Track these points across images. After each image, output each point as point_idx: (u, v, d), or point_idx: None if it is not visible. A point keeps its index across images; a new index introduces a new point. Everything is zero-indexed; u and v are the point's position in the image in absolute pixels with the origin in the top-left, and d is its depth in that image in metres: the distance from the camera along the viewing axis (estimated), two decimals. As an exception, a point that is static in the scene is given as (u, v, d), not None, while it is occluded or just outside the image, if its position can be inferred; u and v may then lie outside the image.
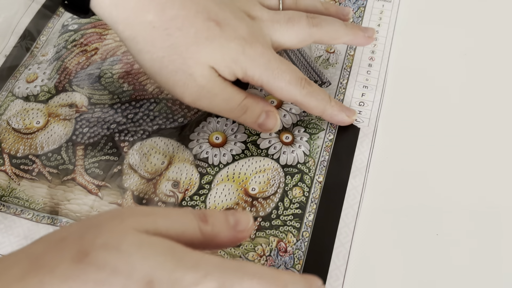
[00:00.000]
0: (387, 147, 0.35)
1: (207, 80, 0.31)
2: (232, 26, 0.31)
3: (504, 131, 0.36)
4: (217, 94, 0.32)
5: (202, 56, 0.31)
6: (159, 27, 0.30)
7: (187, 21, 0.31)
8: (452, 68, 0.39)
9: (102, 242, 0.21)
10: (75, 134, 0.37)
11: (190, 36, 0.31)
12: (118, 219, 0.22)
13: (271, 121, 0.33)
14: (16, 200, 0.34)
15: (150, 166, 0.35)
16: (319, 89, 0.34)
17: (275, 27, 0.34)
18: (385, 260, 0.31)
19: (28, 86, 0.39)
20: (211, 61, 0.31)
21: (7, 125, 0.37)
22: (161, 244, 0.21)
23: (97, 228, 0.22)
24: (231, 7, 0.33)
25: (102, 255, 0.20)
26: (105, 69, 0.40)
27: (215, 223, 0.24)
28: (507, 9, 0.42)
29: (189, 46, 0.31)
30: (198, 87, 0.31)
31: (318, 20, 0.35)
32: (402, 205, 0.33)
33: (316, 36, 0.35)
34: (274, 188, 0.34)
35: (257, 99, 0.33)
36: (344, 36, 0.36)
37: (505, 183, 0.34)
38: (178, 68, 0.31)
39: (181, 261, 0.21)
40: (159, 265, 0.21)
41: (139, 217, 0.23)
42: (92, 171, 0.35)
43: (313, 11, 0.37)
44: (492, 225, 0.32)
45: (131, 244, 0.21)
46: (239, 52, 0.31)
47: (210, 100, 0.32)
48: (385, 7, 0.43)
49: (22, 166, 0.35)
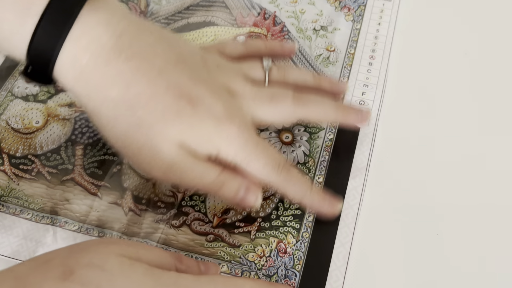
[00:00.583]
0: (387, 147, 0.35)
1: (175, 157, 0.29)
2: (206, 105, 0.29)
3: (504, 130, 0.36)
4: (187, 171, 0.29)
5: (170, 133, 0.29)
6: (122, 104, 0.28)
7: (154, 98, 0.29)
8: (452, 67, 0.39)
9: (86, 262, 0.23)
10: (74, 134, 0.37)
11: (157, 113, 0.29)
12: (103, 244, 0.25)
13: (251, 197, 0.30)
14: (15, 200, 0.34)
15: (149, 166, 0.35)
16: (299, 176, 0.31)
17: (256, 104, 0.32)
18: (385, 261, 0.31)
19: (28, 86, 0.39)
20: (181, 139, 0.29)
21: (6, 125, 0.37)
22: (141, 266, 0.24)
23: (82, 251, 0.24)
24: (209, 82, 0.30)
25: (86, 273, 0.22)
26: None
27: (189, 265, 0.27)
28: (508, 8, 0.42)
29: (155, 124, 0.29)
30: (166, 165, 0.29)
31: (305, 100, 0.33)
32: (402, 205, 0.33)
33: (301, 116, 0.33)
34: (274, 189, 0.34)
35: (234, 173, 0.30)
36: (333, 117, 0.34)
37: (505, 183, 0.34)
38: (142, 145, 0.29)
39: (160, 280, 0.24)
40: (139, 283, 0.23)
41: (123, 245, 0.26)
42: (91, 171, 0.35)
43: (303, 85, 0.34)
44: (492, 225, 0.32)
45: (113, 265, 0.23)
46: (212, 132, 0.29)
47: (180, 177, 0.30)
48: (386, 5, 0.43)
49: (21, 166, 0.35)
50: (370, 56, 0.40)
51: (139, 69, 0.29)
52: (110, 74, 0.28)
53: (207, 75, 0.31)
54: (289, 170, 0.31)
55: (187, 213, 0.33)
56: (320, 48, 0.40)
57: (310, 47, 0.40)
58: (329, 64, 0.39)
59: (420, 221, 0.32)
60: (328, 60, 0.40)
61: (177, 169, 0.29)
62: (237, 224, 0.33)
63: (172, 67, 0.30)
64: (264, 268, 0.31)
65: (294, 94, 0.32)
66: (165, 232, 0.32)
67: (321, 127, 0.36)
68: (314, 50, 0.40)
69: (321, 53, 0.40)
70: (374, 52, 0.40)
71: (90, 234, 0.32)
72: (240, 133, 0.30)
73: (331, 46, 0.40)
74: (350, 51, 0.40)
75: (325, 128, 0.36)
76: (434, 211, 0.33)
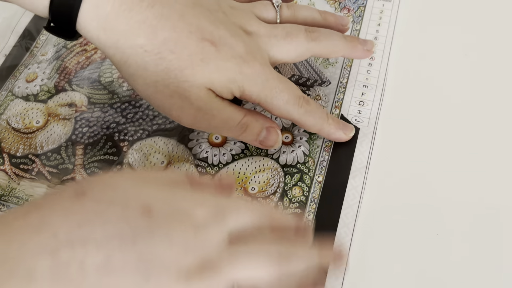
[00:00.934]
0: (387, 147, 0.35)
1: (204, 102, 0.30)
2: (228, 45, 0.30)
3: (504, 130, 0.36)
4: (215, 115, 0.31)
5: (198, 79, 0.30)
6: (151, 51, 0.29)
7: (180, 43, 0.29)
8: (452, 68, 0.39)
9: (98, 182, 0.22)
10: (75, 133, 0.37)
11: (184, 58, 0.29)
12: (114, 172, 0.26)
13: (272, 137, 0.33)
14: (15, 200, 0.34)
15: (149, 165, 0.35)
16: (317, 106, 0.33)
17: (272, 42, 0.33)
18: (384, 260, 0.31)
19: (28, 86, 0.39)
20: (208, 83, 0.30)
21: (6, 125, 0.37)
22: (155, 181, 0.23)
23: (93, 178, 0.24)
24: (226, 24, 0.32)
25: (99, 192, 0.22)
26: (104, 69, 0.40)
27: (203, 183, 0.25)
28: (508, 9, 0.42)
29: (183, 69, 0.29)
30: (195, 110, 0.30)
31: (317, 34, 0.34)
32: (402, 205, 0.33)
33: (315, 51, 0.34)
34: (274, 188, 0.34)
35: (256, 115, 0.33)
36: (342, 50, 0.35)
37: (505, 183, 0.34)
38: (173, 91, 0.30)
39: (176, 192, 0.23)
40: (155, 195, 0.22)
41: (133, 171, 0.26)
42: (91, 170, 0.35)
43: (311, 22, 0.36)
44: (492, 225, 0.32)
45: (126, 183, 0.22)
46: (236, 71, 0.30)
47: (208, 122, 0.31)
48: (385, 6, 0.43)
49: (21, 166, 0.35)
50: (370, 57, 0.40)
51: (162, 14, 0.30)
52: (136, 20, 0.29)
53: (224, 16, 0.32)
54: (308, 102, 0.32)
55: (187, 213, 0.33)
56: (320, 49, 0.40)
57: (310, 47, 0.40)
58: (328, 65, 0.40)
59: (420, 221, 0.32)
60: (328, 61, 0.40)
61: (204, 114, 0.30)
62: (237, 224, 0.33)
63: (191, 10, 0.31)
64: (263, 267, 0.31)
65: (307, 29, 0.34)
66: (165, 232, 0.32)
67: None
68: (314, 50, 0.40)
69: (321, 54, 0.40)
70: (374, 53, 0.40)
71: (90, 233, 0.32)
72: (262, 70, 0.31)
73: (331, 46, 0.40)
74: (349, 51, 0.40)
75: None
76: (434, 211, 0.33)
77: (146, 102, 0.38)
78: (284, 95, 0.31)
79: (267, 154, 0.35)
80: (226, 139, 0.36)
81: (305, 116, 0.32)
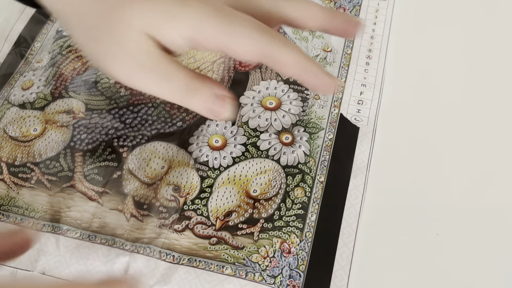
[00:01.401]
0: (387, 146, 0.35)
1: (140, 49, 0.25)
2: None
3: (504, 129, 0.36)
4: (154, 69, 0.26)
5: (134, 19, 0.25)
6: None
7: None
8: (449, 65, 0.39)
9: None
10: (73, 140, 0.36)
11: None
12: None
13: (224, 107, 0.26)
14: (15, 209, 0.34)
15: (150, 171, 0.35)
16: (288, 41, 0.26)
17: None
18: (388, 260, 0.31)
19: (24, 93, 0.39)
20: (147, 25, 0.25)
21: (3, 133, 0.37)
22: None
23: None
24: None
25: None
26: (101, 74, 0.39)
27: None
28: (504, 7, 0.42)
29: (120, 7, 0.26)
30: (130, 59, 0.26)
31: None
32: (402, 205, 0.33)
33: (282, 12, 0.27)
34: (276, 189, 0.34)
35: (206, 79, 0.27)
36: (320, 19, 0.28)
37: (505, 183, 0.34)
38: (109, 38, 0.26)
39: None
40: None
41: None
42: (91, 177, 0.35)
43: None
44: (492, 225, 0.32)
45: None
46: (179, 10, 0.25)
47: (145, 77, 0.26)
48: (381, 5, 0.43)
49: (20, 175, 0.35)
50: (367, 56, 0.40)
51: None
52: None
53: None
54: (277, 34, 0.26)
55: (190, 217, 0.33)
56: (317, 49, 0.40)
57: (307, 48, 0.40)
58: (326, 64, 0.40)
59: (420, 220, 0.32)
60: (325, 60, 0.40)
61: (141, 66, 0.26)
62: (240, 226, 0.32)
63: None
64: (268, 268, 0.31)
65: None
66: (168, 237, 0.32)
67: (321, 127, 0.36)
68: (311, 51, 0.40)
69: (318, 54, 0.40)
70: (371, 52, 0.40)
71: (92, 241, 0.32)
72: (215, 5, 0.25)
73: (328, 46, 0.40)
74: (347, 51, 0.40)
75: (324, 128, 0.36)
76: (434, 211, 0.33)
77: (144, 107, 0.37)
78: (246, 29, 0.25)
79: (267, 155, 0.35)
80: (226, 142, 0.36)
81: (274, 50, 0.25)
